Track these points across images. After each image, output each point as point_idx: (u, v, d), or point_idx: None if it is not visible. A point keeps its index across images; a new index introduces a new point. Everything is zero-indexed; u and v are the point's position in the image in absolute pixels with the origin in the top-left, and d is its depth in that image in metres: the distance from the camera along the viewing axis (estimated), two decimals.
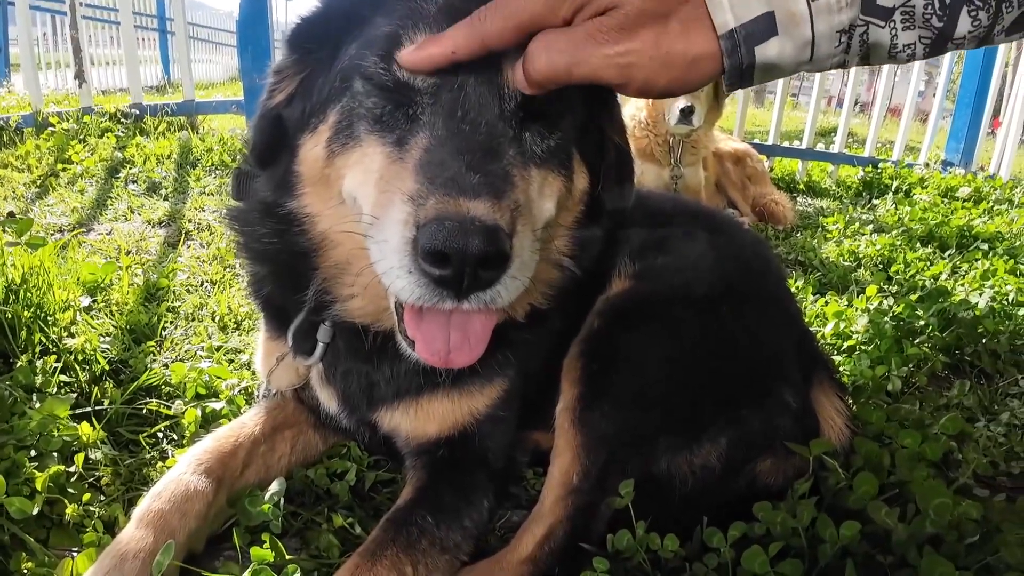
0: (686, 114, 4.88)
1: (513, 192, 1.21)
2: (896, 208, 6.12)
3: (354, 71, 1.36)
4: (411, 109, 1.30)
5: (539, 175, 1.36)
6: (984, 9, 1.14)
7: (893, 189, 7.12)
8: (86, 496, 1.66)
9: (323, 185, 1.43)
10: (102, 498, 1.72)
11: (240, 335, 2.60)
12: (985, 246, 4.75)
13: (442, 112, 1.27)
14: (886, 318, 3.04)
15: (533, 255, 1.25)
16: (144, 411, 2.04)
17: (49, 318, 2.29)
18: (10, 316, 2.14)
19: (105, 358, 2.21)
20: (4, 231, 2.42)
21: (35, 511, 1.54)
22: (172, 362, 2.31)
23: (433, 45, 1.25)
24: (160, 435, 1.97)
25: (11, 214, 3.92)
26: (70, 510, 1.60)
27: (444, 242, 1.09)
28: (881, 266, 4.32)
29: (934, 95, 8.95)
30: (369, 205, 1.29)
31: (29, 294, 2.28)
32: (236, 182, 1.65)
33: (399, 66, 1.29)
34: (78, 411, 1.94)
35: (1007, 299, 3.50)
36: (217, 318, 2.70)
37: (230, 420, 1.98)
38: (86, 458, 1.76)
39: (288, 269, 1.57)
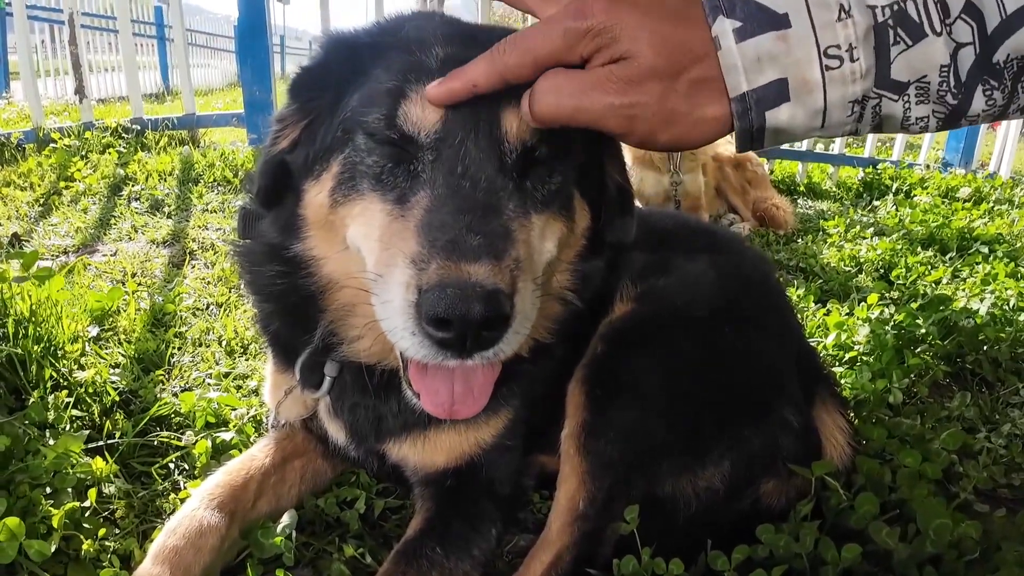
0: None
1: (514, 249, 1.23)
2: (896, 210, 6.14)
3: (356, 124, 1.37)
4: (412, 165, 1.32)
5: (540, 221, 1.38)
6: (999, 89, 1.14)
7: (893, 190, 7.13)
8: (101, 531, 1.68)
9: (328, 230, 1.45)
10: (117, 532, 1.74)
11: (247, 359, 2.63)
12: (985, 249, 4.75)
13: (443, 169, 1.29)
14: (887, 327, 3.06)
15: (534, 305, 1.28)
16: (155, 442, 2.07)
17: (59, 351, 2.32)
18: (20, 352, 2.17)
19: (115, 389, 2.24)
20: (9, 262, 2.45)
21: (52, 549, 1.56)
22: (181, 391, 2.34)
23: (455, 80, 1.26)
24: (172, 466, 2.00)
25: (16, 235, 3.95)
26: (86, 545, 1.63)
27: (447, 309, 1.12)
28: (882, 270, 4.34)
29: None
30: (372, 261, 1.31)
31: (38, 328, 2.30)
32: (242, 221, 1.67)
33: (403, 120, 1.31)
34: (90, 445, 1.96)
35: (1007, 304, 3.52)
36: (224, 343, 2.73)
37: (240, 451, 2.01)
38: (100, 492, 1.78)
39: (295, 310, 1.59)
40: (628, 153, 3.79)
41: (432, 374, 1.35)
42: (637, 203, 1.93)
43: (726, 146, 5.99)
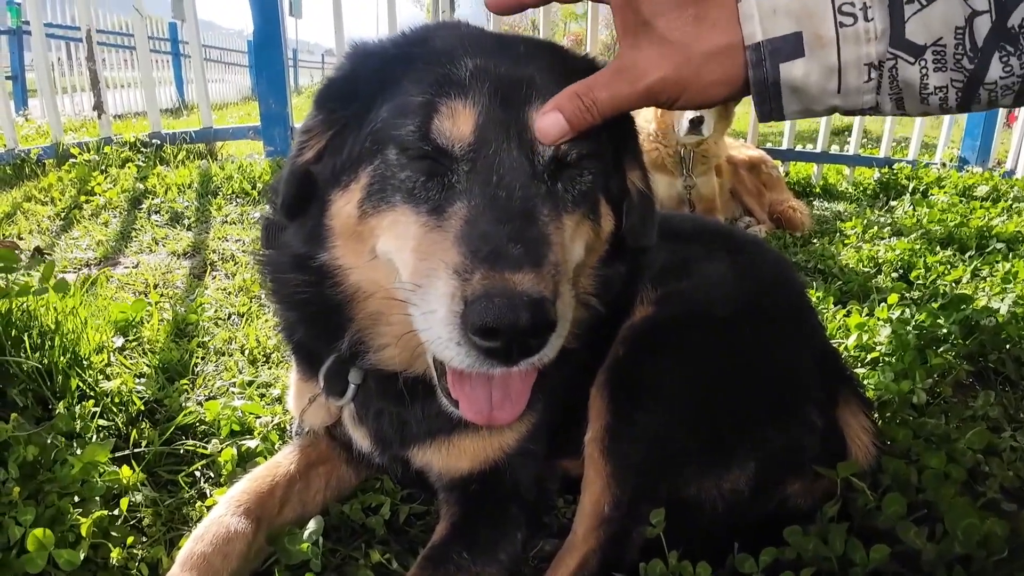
0: (695, 124, 4.84)
1: (552, 253, 1.24)
2: (914, 210, 6.09)
3: (387, 138, 1.38)
4: (446, 177, 1.33)
5: (571, 221, 1.39)
6: (1016, 55, 1.15)
7: (910, 190, 7.08)
8: (130, 539, 1.70)
9: (356, 240, 1.45)
10: (144, 540, 1.76)
11: (270, 368, 2.65)
12: (1004, 247, 4.71)
13: (478, 179, 1.29)
14: (908, 327, 3.04)
15: (571, 307, 1.29)
16: (181, 451, 2.09)
17: (84, 362, 2.34)
18: (47, 363, 2.20)
19: (141, 399, 2.26)
20: (32, 275, 2.48)
21: (82, 557, 1.58)
22: (205, 400, 2.36)
23: None
24: (198, 474, 2.02)
25: (38, 249, 3.99)
26: (115, 554, 1.64)
27: (495, 319, 1.12)
28: (901, 271, 4.31)
29: None
30: (408, 272, 1.31)
31: (64, 339, 2.33)
32: (265, 232, 1.69)
33: (436, 134, 1.32)
34: (117, 454, 1.99)
35: None
36: (247, 352, 2.75)
37: (265, 458, 2.02)
38: (128, 501, 1.80)
39: (320, 318, 1.60)
40: None
41: (473, 381, 1.36)
42: None
43: (740, 149, 5.98)
